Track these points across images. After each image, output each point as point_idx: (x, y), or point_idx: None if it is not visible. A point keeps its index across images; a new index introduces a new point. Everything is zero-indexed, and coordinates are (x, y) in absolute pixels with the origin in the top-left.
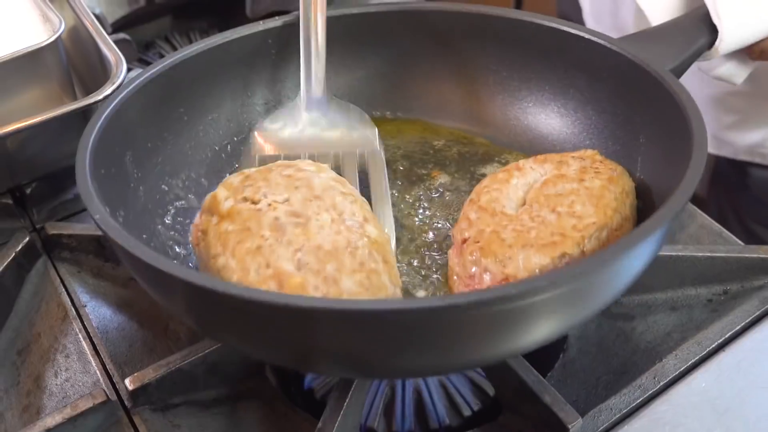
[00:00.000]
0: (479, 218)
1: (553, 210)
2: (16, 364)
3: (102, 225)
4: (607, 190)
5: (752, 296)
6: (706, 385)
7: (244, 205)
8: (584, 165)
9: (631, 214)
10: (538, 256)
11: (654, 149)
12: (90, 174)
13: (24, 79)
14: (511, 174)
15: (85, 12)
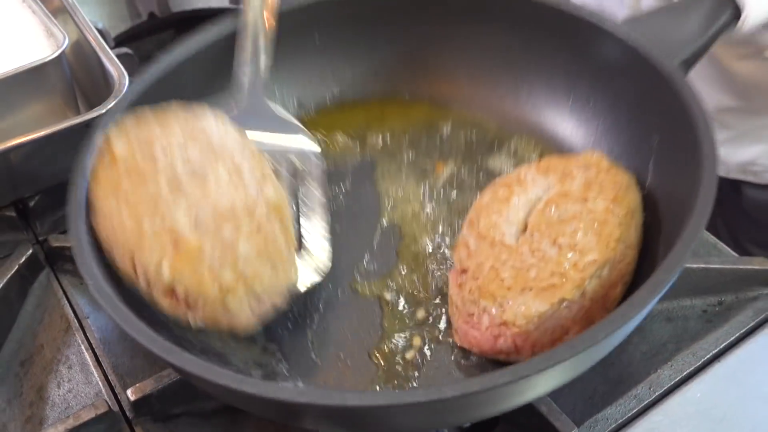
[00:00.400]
0: (478, 248)
1: (554, 242)
2: (19, 375)
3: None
4: (611, 214)
5: (747, 307)
6: (701, 395)
7: (140, 151)
8: (589, 178)
9: (635, 239)
10: (537, 302)
11: (666, 154)
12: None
13: (28, 94)
14: (512, 191)
15: (88, 27)
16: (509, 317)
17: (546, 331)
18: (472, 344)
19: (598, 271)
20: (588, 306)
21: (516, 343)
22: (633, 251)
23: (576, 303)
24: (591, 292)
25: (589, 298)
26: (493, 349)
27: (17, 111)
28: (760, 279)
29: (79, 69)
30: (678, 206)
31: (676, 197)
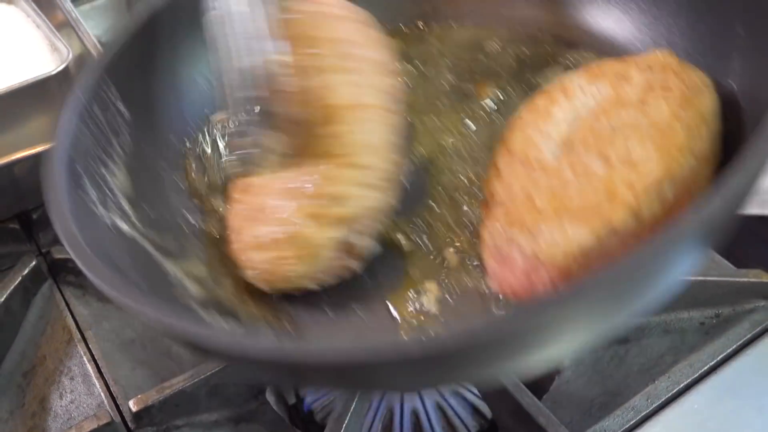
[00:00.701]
0: (511, 170)
1: (601, 154)
2: (22, 386)
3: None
4: (676, 119)
5: (743, 319)
6: (699, 406)
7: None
8: (650, 79)
9: (709, 151)
10: (578, 230)
11: (752, 50)
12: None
13: (32, 107)
14: (554, 100)
15: (92, 41)
16: (542, 250)
17: (591, 266)
18: (505, 289)
19: (657, 187)
20: (645, 233)
21: (554, 281)
22: (706, 166)
23: (629, 229)
24: (648, 215)
25: (648, 223)
26: (527, 290)
27: (22, 124)
28: (757, 291)
29: None
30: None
31: (765, 102)
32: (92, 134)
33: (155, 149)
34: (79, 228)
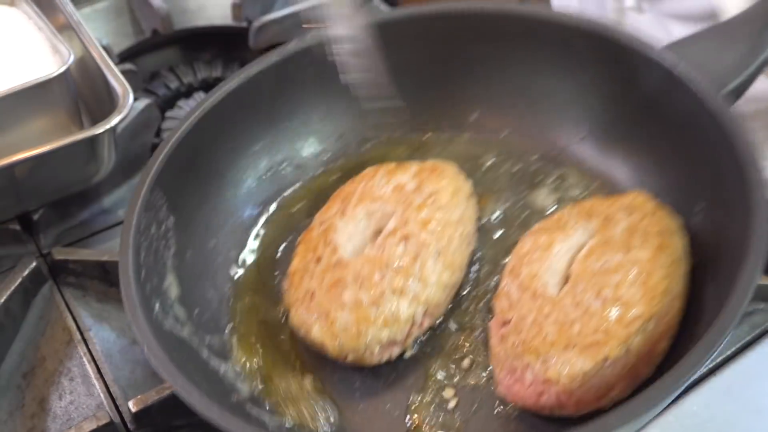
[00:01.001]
0: (521, 300)
1: (598, 294)
2: (21, 387)
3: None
4: (656, 265)
5: (743, 322)
6: (697, 409)
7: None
8: (633, 223)
9: (682, 288)
10: (581, 360)
11: (715, 194)
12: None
13: (33, 109)
14: (554, 238)
15: (93, 43)
16: (553, 375)
17: (590, 388)
18: (515, 398)
19: (643, 326)
20: (633, 362)
21: (560, 399)
22: (679, 301)
23: (621, 360)
24: (636, 348)
25: (635, 354)
26: (536, 405)
27: (22, 126)
28: (756, 294)
29: (83, 85)
30: (728, 249)
31: (726, 240)
32: (148, 248)
33: (200, 256)
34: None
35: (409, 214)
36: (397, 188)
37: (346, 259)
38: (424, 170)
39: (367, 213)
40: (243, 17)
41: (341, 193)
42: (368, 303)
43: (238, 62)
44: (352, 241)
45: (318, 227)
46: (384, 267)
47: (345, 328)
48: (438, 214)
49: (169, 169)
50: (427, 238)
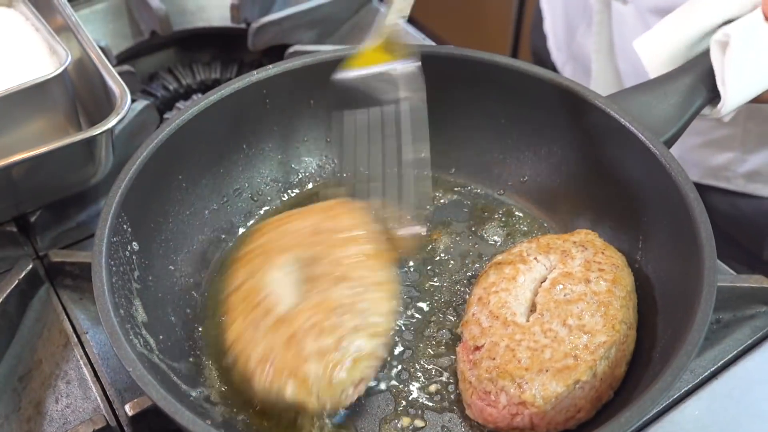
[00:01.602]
0: (491, 327)
1: (564, 323)
2: (18, 390)
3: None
4: (613, 296)
5: (744, 325)
6: (699, 413)
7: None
8: (587, 257)
9: (634, 319)
10: (554, 384)
11: (655, 234)
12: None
13: (31, 110)
14: (517, 270)
15: (91, 44)
16: (528, 398)
17: (561, 410)
18: (487, 420)
19: (606, 352)
20: (598, 386)
21: (533, 421)
22: (633, 331)
23: (588, 383)
24: (601, 372)
25: (599, 378)
26: (509, 426)
27: (20, 127)
28: (758, 297)
29: (81, 86)
30: (671, 284)
31: (669, 275)
32: (117, 271)
33: (161, 281)
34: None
35: (335, 253)
36: (315, 231)
37: (288, 313)
38: (334, 207)
39: (292, 261)
40: (241, 18)
41: (258, 247)
42: (332, 348)
43: (237, 63)
44: (286, 293)
45: (244, 286)
46: (333, 310)
47: (317, 380)
48: (364, 247)
49: (132, 195)
50: (362, 273)
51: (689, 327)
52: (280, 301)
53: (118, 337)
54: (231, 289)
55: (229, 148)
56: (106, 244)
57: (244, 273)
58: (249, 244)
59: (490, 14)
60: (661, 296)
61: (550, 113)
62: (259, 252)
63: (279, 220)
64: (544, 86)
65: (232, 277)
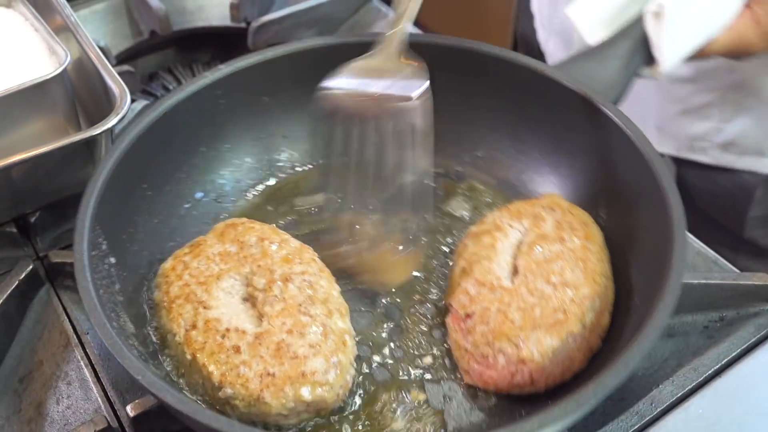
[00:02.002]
0: (479, 294)
1: (547, 281)
2: (18, 391)
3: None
4: (588, 251)
5: (748, 323)
6: (703, 411)
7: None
8: (557, 218)
9: (609, 271)
10: (549, 338)
11: (618, 190)
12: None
13: (30, 110)
14: (494, 237)
15: (91, 44)
16: (526, 355)
17: (558, 363)
18: (487, 383)
19: (592, 303)
20: (588, 336)
21: (533, 377)
22: (611, 282)
23: (579, 334)
24: (589, 323)
25: (589, 329)
26: (509, 385)
27: (19, 127)
28: (762, 295)
29: (81, 86)
30: (639, 236)
31: (635, 228)
32: (102, 284)
33: (140, 293)
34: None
35: (265, 261)
36: (231, 252)
37: (260, 327)
38: (229, 228)
39: (231, 283)
40: (241, 18)
41: (185, 285)
42: (321, 339)
43: None
44: (243, 313)
45: (197, 321)
46: (298, 307)
47: (325, 372)
48: (288, 247)
49: (102, 208)
50: (300, 268)
51: (668, 272)
52: (243, 321)
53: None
54: (182, 329)
55: (187, 152)
56: (87, 258)
57: (188, 310)
58: (171, 284)
59: (489, 9)
60: (630, 249)
61: (500, 87)
62: (190, 288)
63: (185, 255)
64: (492, 61)
65: (174, 319)
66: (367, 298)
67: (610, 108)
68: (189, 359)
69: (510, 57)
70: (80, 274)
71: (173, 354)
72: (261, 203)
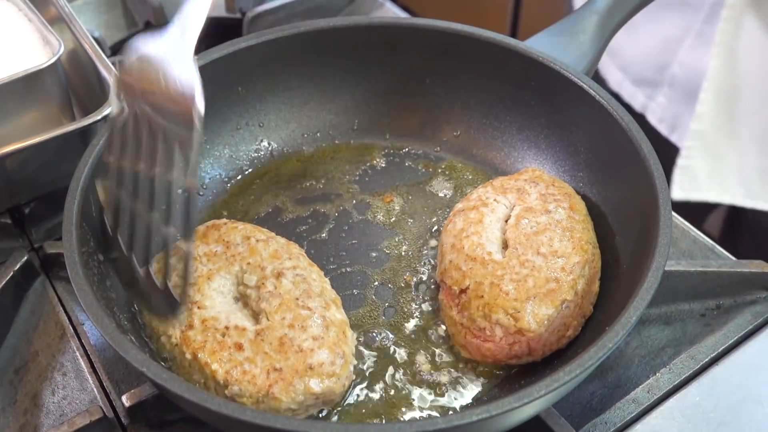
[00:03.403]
0: (472, 269)
1: (537, 252)
2: (14, 382)
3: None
4: (573, 221)
5: (745, 311)
6: (700, 398)
7: None
8: (541, 191)
9: (595, 239)
10: (544, 307)
11: (597, 160)
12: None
13: (24, 100)
14: (482, 213)
15: (85, 35)
16: (523, 324)
17: (553, 330)
18: (485, 355)
19: (582, 270)
20: (581, 302)
21: (530, 346)
22: (597, 250)
23: (573, 301)
24: (581, 290)
25: (581, 295)
26: (508, 356)
27: (13, 118)
28: (759, 282)
29: (75, 76)
30: (622, 204)
31: (617, 197)
32: (95, 281)
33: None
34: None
35: (255, 258)
36: (217, 251)
37: (259, 324)
38: (212, 229)
39: (222, 282)
40: (237, 8)
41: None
42: (323, 331)
43: None
44: (239, 311)
45: (194, 320)
46: (296, 301)
47: (331, 363)
48: (275, 242)
49: (86, 207)
50: (290, 263)
51: (654, 238)
52: (240, 319)
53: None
54: (178, 330)
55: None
56: (78, 255)
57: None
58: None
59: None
60: (613, 217)
61: (473, 65)
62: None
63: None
64: (464, 40)
65: (168, 321)
66: (357, 280)
67: (583, 79)
68: (189, 359)
69: (481, 35)
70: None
71: (168, 357)
72: (242, 193)
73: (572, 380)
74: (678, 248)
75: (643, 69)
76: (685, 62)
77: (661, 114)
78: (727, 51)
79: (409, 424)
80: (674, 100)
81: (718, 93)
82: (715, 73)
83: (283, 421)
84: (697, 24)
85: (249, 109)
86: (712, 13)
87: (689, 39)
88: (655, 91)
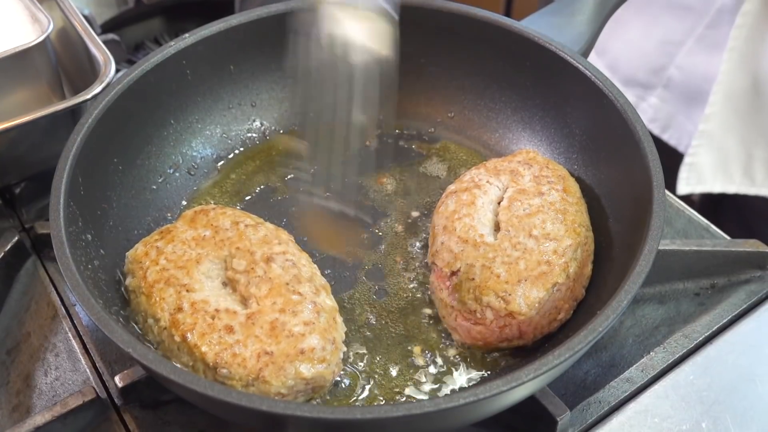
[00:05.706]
0: (463, 251)
1: (529, 235)
2: (6, 363)
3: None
4: (567, 203)
5: (739, 290)
6: (694, 377)
7: None
8: (535, 173)
9: (588, 221)
10: (535, 290)
11: (592, 142)
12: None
13: (13, 79)
14: (474, 195)
15: (74, 12)
16: (514, 307)
17: (545, 314)
18: (476, 339)
19: (574, 253)
20: (572, 285)
21: (521, 329)
22: (590, 233)
23: (564, 284)
24: (572, 273)
25: (572, 278)
26: (498, 339)
27: (1, 96)
28: (753, 262)
29: (65, 55)
30: (616, 187)
31: (611, 179)
32: (82, 261)
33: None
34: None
35: (243, 243)
36: (205, 236)
37: (250, 308)
38: (200, 214)
39: (210, 266)
40: None
41: (163, 269)
42: (313, 317)
43: None
44: (227, 295)
45: (183, 303)
46: (286, 286)
47: (322, 348)
48: (264, 229)
49: (74, 184)
50: (280, 248)
51: (648, 221)
52: (229, 303)
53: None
54: (167, 312)
55: (156, 125)
56: (66, 234)
57: (170, 293)
58: (147, 270)
59: None
60: (607, 200)
61: (468, 45)
62: (169, 273)
63: (156, 241)
64: (459, 20)
65: (156, 304)
66: (348, 262)
67: (579, 60)
68: (178, 341)
69: (476, 14)
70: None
71: (156, 340)
72: (233, 173)
73: (561, 364)
74: (673, 227)
75: (636, 71)
76: (684, 65)
77: (653, 114)
78: (739, 55)
79: (396, 407)
80: (668, 101)
81: (727, 95)
82: (726, 76)
83: (269, 403)
84: (700, 29)
85: (241, 88)
86: (717, 19)
87: (690, 43)
88: (648, 93)
